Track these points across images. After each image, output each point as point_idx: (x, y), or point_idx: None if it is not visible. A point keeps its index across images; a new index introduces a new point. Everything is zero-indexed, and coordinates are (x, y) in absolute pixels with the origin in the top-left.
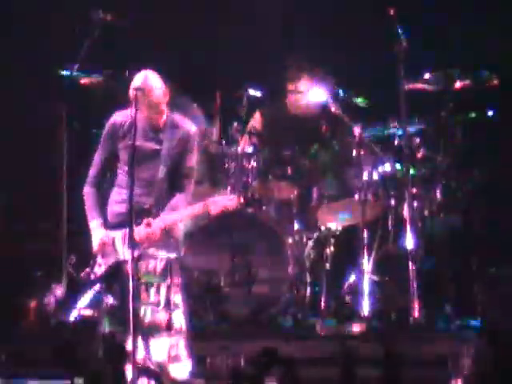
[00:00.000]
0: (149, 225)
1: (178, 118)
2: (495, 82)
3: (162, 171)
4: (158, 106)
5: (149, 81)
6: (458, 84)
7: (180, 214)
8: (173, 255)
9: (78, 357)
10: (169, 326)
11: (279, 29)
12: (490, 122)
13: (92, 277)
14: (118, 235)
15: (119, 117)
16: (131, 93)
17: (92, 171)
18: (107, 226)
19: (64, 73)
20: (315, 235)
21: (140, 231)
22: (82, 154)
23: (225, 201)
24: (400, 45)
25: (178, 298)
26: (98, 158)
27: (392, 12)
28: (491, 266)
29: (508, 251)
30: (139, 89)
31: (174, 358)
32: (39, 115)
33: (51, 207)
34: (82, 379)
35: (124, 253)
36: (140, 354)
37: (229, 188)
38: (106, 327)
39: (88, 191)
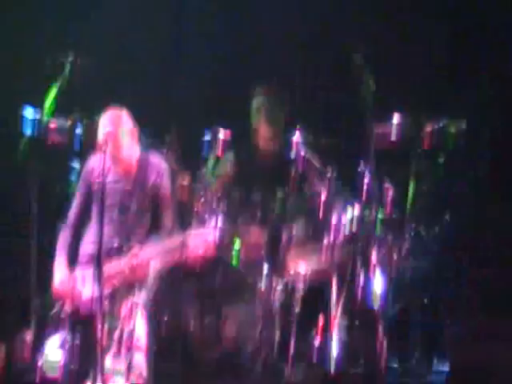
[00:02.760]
0: (135, 255)
1: (148, 155)
2: (463, 126)
3: (134, 210)
4: (127, 146)
5: (115, 121)
6: (427, 128)
7: (159, 246)
8: (139, 299)
9: None
10: (129, 370)
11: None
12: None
13: (62, 317)
14: (85, 274)
15: (92, 162)
16: (99, 136)
17: (69, 215)
18: (77, 265)
19: (30, 115)
20: (284, 279)
21: (110, 268)
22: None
23: (204, 234)
24: (367, 88)
25: (141, 342)
26: (74, 202)
27: (359, 58)
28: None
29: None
30: (106, 132)
31: None
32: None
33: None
34: None
35: (87, 292)
36: None
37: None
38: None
39: (62, 233)
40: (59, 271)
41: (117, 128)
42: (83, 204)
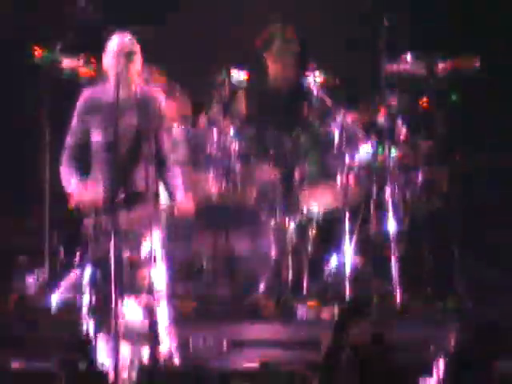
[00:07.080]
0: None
1: (147, 88)
2: (476, 64)
3: (144, 147)
4: (136, 72)
5: (129, 43)
6: (439, 66)
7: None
8: (156, 241)
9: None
10: (149, 288)
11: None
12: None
13: (87, 260)
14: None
15: (87, 94)
16: (110, 59)
17: (65, 155)
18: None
19: (45, 54)
20: (297, 218)
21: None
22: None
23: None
24: (382, 23)
25: (159, 254)
26: (70, 140)
27: None
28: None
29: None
30: (119, 53)
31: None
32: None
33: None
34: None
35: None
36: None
37: (211, 172)
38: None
39: (63, 169)
40: (88, 189)
41: (130, 49)
42: (80, 142)
